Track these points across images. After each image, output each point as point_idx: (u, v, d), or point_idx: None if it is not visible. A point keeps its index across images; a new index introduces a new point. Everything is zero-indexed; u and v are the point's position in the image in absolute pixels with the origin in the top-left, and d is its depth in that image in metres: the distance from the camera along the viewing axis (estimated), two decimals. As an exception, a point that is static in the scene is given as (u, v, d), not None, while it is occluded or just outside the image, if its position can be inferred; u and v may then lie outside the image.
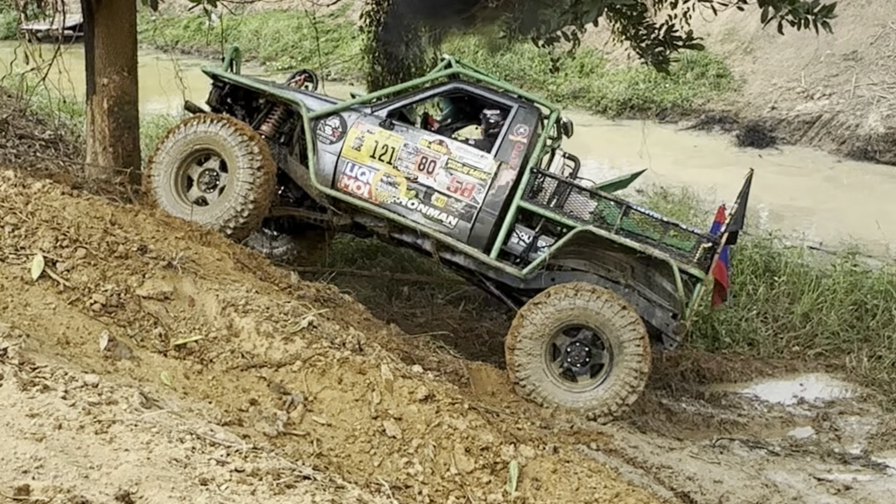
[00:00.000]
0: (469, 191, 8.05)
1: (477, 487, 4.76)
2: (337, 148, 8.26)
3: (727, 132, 23.31)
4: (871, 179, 19.50)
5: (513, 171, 8.03)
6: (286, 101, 8.56)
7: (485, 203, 8.02)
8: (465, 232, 8.06)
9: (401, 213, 8.16)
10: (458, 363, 7.37)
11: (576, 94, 27.14)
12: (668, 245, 7.99)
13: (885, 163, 20.72)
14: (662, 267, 7.80)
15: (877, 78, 22.63)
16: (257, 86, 8.76)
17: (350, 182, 8.23)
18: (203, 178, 8.17)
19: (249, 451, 3.68)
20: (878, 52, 23.30)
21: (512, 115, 8.22)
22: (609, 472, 5.48)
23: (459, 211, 8.06)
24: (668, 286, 7.93)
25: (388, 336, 7.10)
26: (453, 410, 5.09)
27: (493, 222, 8.03)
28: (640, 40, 9.99)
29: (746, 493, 6.59)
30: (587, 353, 7.63)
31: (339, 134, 8.27)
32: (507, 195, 8.00)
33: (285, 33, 34.36)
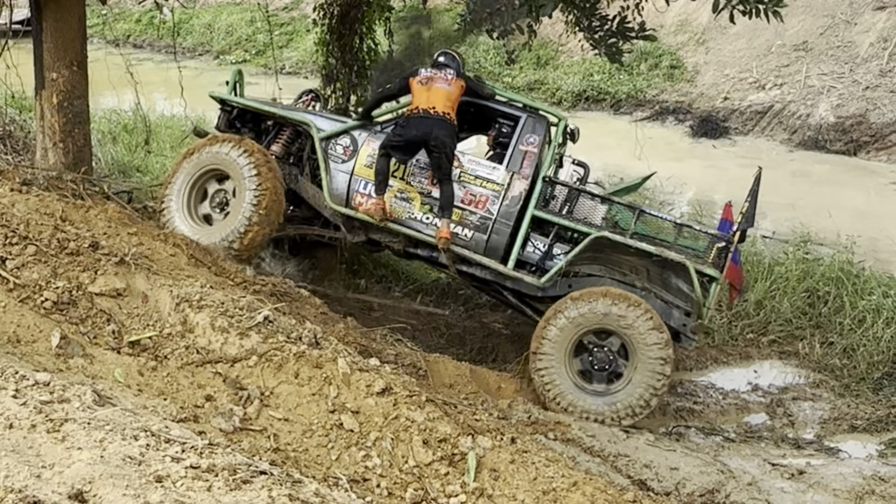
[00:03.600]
0: (483, 203, 8.11)
1: (435, 479, 4.76)
2: (349, 167, 8.30)
3: (681, 123, 23.51)
4: (821, 169, 19.75)
5: (525, 181, 8.09)
6: (296, 122, 8.59)
7: (499, 214, 8.08)
8: (481, 244, 8.13)
9: (416, 227, 8.22)
10: (415, 356, 7.37)
11: (531, 86, 27.20)
12: (681, 246, 8.12)
13: (836, 152, 21.02)
14: (678, 269, 7.87)
15: (827, 68, 22.92)
16: (266, 109, 8.79)
17: (364, 200, 8.25)
18: (215, 197, 8.25)
19: (205, 448, 3.66)
20: (827, 43, 23.59)
21: (521, 125, 8.27)
22: (567, 461, 5.51)
23: (475, 223, 8.11)
24: (683, 287, 8.02)
25: (345, 330, 7.07)
26: (411, 403, 5.08)
27: (508, 233, 8.10)
28: (593, 32, 10.00)
29: (702, 480, 6.66)
30: (610, 357, 7.71)
31: (351, 152, 8.32)
32: (520, 205, 8.06)
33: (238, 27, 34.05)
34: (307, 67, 27.50)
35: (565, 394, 7.57)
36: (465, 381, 7.55)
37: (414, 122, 7.96)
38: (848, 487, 6.98)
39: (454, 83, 8.16)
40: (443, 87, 8.10)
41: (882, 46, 22.59)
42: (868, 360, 9.50)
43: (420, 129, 7.93)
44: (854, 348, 9.70)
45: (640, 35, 9.93)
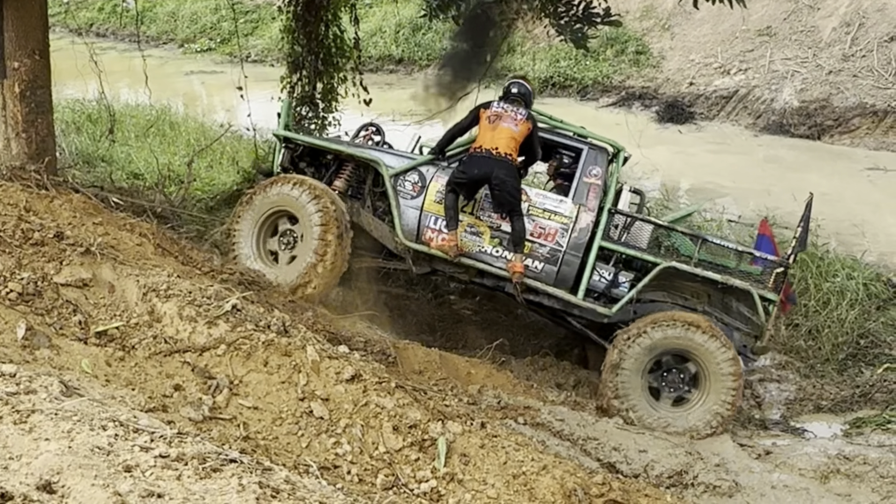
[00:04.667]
0: (552, 235, 8.21)
1: (406, 465, 4.78)
2: (418, 202, 8.34)
3: (647, 108, 23.60)
4: (786, 153, 19.90)
5: (591, 212, 8.19)
6: (365, 160, 8.55)
7: (569, 246, 8.19)
8: (551, 275, 8.23)
9: (486, 261, 8.29)
10: (384, 342, 7.37)
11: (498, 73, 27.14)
12: (742, 271, 8.34)
13: (800, 136, 21.18)
14: (740, 293, 8.09)
15: (790, 53, 23.10)
16: (334, 147, 8.73)
17: (434, 235, 8.30)
18: (285, 236, 8.29)
19: (174, 437, 3.64)
20: (791, 28, 23.77)
21: (584, 157, 8.34)
22: (536, 445, 5.54)
23: (545, 255, 8.21)
24: (743, 310, 8.22)
25: (314, 317, 7.07)
26: (380, 389, 5.09)
27: (577, 264, 8.19)
28: (558, 18, 10.02)
29: (670, 461, 6.73)
30: (681, 377, 7.93)
31: (420, 188, 8.35)
32: (589, 237, 8.15)
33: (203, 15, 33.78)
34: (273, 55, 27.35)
35: (638, 409, 7.72)
36: (435, 368, 7.57)
37: (476, 161, 8.05)
38: (813, 467, 7.08)
39: (522, 125, 8.19)
40: (509, 127, 8.14)
41: (845, 31, 22.79)
42: (833, 341, 9.63)
43: (481, 168, 8.01)
44: (819, 330, 9.82)
45: (605, 21, 9.96)
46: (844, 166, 19.03)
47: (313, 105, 11.98)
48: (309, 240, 7.98)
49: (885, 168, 18.49)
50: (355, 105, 11.80)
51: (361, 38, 12.97)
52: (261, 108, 13.69)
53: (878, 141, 20.52)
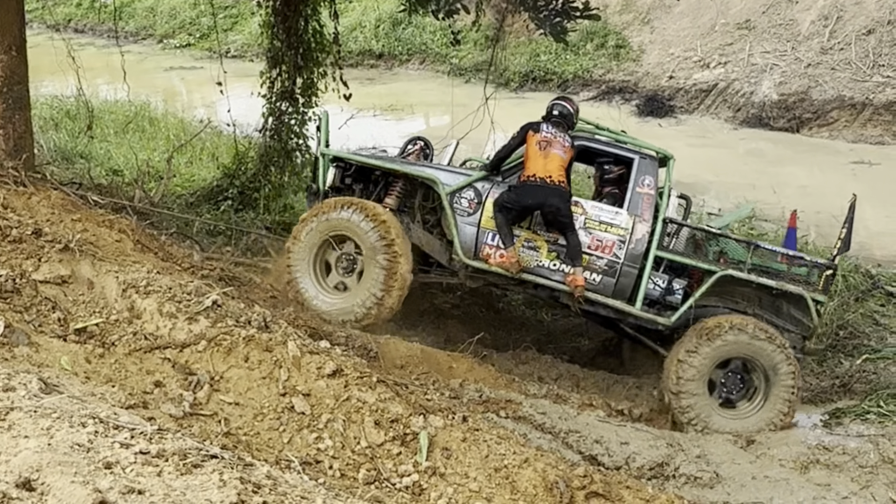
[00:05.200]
0: (609, 248, 8.21)
1: (388, 459, 4.77)
2: (475, 219, 8.28)
3: (627, 102, 23.67)
4: (766, 146, 19.99)
5: (647, 223, 8.22)
6: (422, 178, 8.44)
7: (626, 258, 8.21)
8: (610, 287, 8.24)
9: (544, 275, 8.27)
10: (365, 337, 7.37)
11: (478, 67, 27.19)
12: (794, 274, 8.47)
13: (779, 129, 21.30)
14: (792, 297, 8.23)
15: (769, 46, 23.19)
16: (388, 166, 8.55)
17: (492, 252, 8.27)
18: (340, 262, 8.16)
19: (154, 433, 3.63)
20: (770, 21, 23.87)
21: (635, 168, 8.34)
22: (518, 438, 5.54)
23: (602, 268, 8.21)
24: (793, 312, 8.36)
25: (295, 312, 7.05)
26: (362, 384, 5.09)
27: (635, 275, 8.21)
28: (538, 11, 10.04)
29: (652, 453, 6.76)
30: (741, 380, 8.08)
31: (476, 205, 8.28)
32: (645, 248, 8.18)
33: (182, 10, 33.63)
34: (253, 51, 27.28)
35: (702, 414, 7.88)
36: (417, 362, 7.57)
37: (530, 190, 8.06)
38: (794, 457, 7.12)
39: (568, 152, 8.26)
40: (559, 154, 8.17)
41: (823, 24, 22.90)
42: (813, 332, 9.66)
43: (536, 197, 8.05)
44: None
45: (585, 15, 9.99)
46: (829, 160, 19.15)
47: (293, 100, 11.94)
48: (373, 269, 7.87)
49: (871, 162, 18.62)
50: (335, 100, 11.77)
51: (341, 32, 12.94)
52: (241, 104, 13.65)
53: (856, 133, 20.66)
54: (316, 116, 11.94)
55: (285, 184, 12.00)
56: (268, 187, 11.80)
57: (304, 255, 8.05)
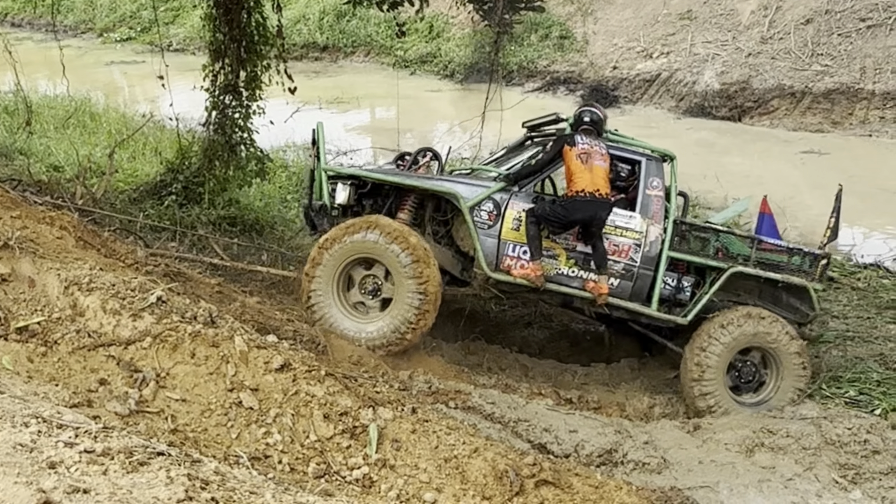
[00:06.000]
0: (626, 252, 8.25)
1: (337, 452, 4.77)
2: (495, 231, 8.16)
3: (572, 92, 23.80)
4: (709, 135, 20.22)
5: (659, 225, 8.28)
6: (442, 193, 8.23)
7: (641, 261, 8.26)
8: (626, 290, 8.28)
9: (564, 282, 8.24)
10: (314, 331, 7.34)
11: (424, 59, 27.22)
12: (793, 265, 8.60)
13: (721, 118, 21.58)
14: (792, 287, 8.52)
15: (711, 36, 23.48)
16: (407, 182, 8.24)
17: (513, 262, 8.17)
18: (365, 283, 7.92)
19: (100, 432, 3.59)
20: (710, 11, 24.16)
21: (643, 170, 8.38)
22: (467, 428, 5.56)
23: (619, 272, 8.24)
24: (792, 301, 8.61)
25: (242, 307, 7.00)
26: (310, 378, 5.07)
27: (651, 277, 8.27)
28: (482, 3, 10.07)
29: (600, 441, 6.81)
30: (755, 370, 8.33)
31: (495, 217, 8.15)
32: (659, 250, 8.25)
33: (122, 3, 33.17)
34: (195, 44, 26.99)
35: (722, 403, 8.09)
36: (367, 355, 7.56)
37: (580, 205, 7.97)
38: (739, 441, 7.22)
39: (607, 159, 8.21)
40: (602, 166, 8.11)
41: (763, 14, 23.24)
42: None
43: (586, 212, 7.98)
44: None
45: (528, 6, 10.06)
46: (777, 149, 19.40)
47: (237, 94, 11.82)
48: (405, 295, 7.67)
49: (820, 151, 18.91)
50: (280, 93, 11.68)
51: (285, 25, 12.83)
52: (184, 98, 13.51)
53: (796, 121, 21.00)
54: (260, 110, 11.85)
55: (230, 178, 11.87)
56: (212, 181, 11.67)
57: (327, 280, 7.77)
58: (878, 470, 6.94)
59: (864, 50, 21.38)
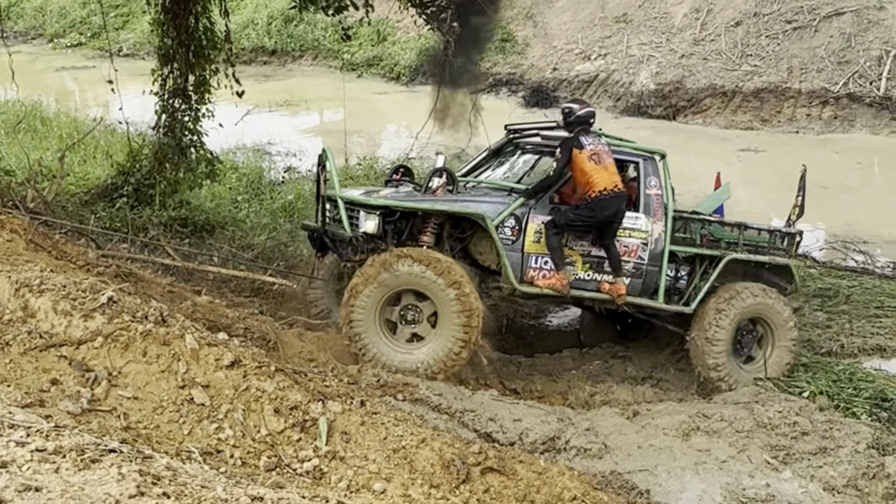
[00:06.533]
0: (634, 252, 8.46)
1: (288, 446, 4.74)
2: (518, 245, 8.15)
3: (514, 94, 23.91)
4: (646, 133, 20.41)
5: (660, 222, 8.47)
6: (468, 215, 8.12)
7: (649, 259, 8.46)
8: (637, 287, 8.52)
9: (581, 286, 8.33)
10: (265, 328, 7.29)
11: (370, 62, 27.16)
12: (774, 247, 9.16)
13: (657, 117, 21.85)
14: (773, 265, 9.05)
15: (645, 38, 23.73)
16: (437, 207, 8.08)
17: (535, 273, 8.19)
18: (406, 315, 7.82)
19: (51, 430, 3.54)
20: (645, 14, 24.42)
21: (641, 170, 8.50)
22: (415, 419, 5.57)
23: (630, 271, 8.43)
24: (773, 278, 9.09)
25: (194, 306, 6.93)
26: (260, 374, 5.03)
27: (657, 273, 8.48)
28: (425, 7, 10.05)
29: (544, 429, 6.85)
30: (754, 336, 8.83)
31: (518, 232, 8.13)
32: (663, 246, 8.46)
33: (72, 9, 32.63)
34: (145, 49, 26.66)
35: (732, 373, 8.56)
36: (316, 350, 7.53)
37: (607, 203, 8.05)
38: (676, 425, 7.32)
39: (611, 154, 8.28)
40: (611, 162, 8.20)
41: (695, 17, 23.55)
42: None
43: (612, 208, 8.08)
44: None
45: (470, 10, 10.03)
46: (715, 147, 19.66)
47: (186, 97, 11.70)
48: (450, 325, 7.61)
49: (756, 149, 19.20)
50: (230, 96, 11.57)
51: (234, 30, 12.75)
52: (135, 102, 13.35)
53: (727, 119, 21.34)
54: (209, 113, 11.74)
55: (180, 180, 11.76)
56: (163, 183, 11.55)
57: (370, 310, 7.62)
58: (807, 450, 7.09)
59: (790, 51, 21.77)
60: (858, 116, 20.46)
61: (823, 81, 20.98)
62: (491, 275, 8.40)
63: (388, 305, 7.73)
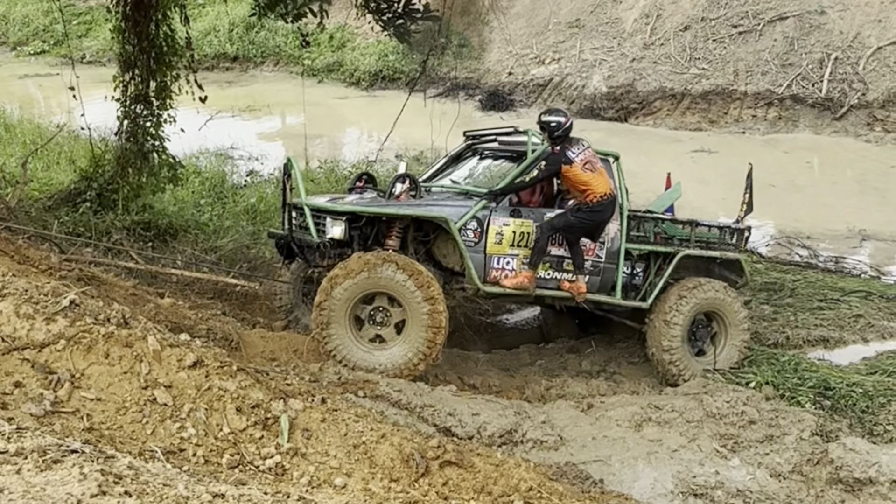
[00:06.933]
0: (593, 250, 8.52)
1: (250, 443, 4.72)
2: (481, 247, 8.12)
3: (471, 97, 23.95)
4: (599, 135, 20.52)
5: (616, 222, 8.51)
6: (432, 219, 8.09)
7: (606, 256, 8.54)
8: (595, 285, 8.57)
9: (542, 285, 8.34)
10: (227, 328, 7.25)
11: (330, 68, 27.09)
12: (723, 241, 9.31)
13: (609, 119, 22.02)
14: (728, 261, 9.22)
15: (598, 43, 23.89)
16: (401, 212, 8.04)
17: (498, 273, 8.18)
18: (375, 316, 7.76)
19: (13, 432, 3.50)
20: (597, 20, 24.58)
21: None
22: (375, 415, 5.58)
23: (589, 269, 8.49)
24: (724, 272, 9.27)
25: (156, 308, 6.87)
26: (223, 373, 5.01)
27: (614, 270, 8.56)
28: (381, 14, 10.05)
29: (501, 422, 6.87)
30: (708, 331, 8.96)
31: (479, 234, 8.10)
32: (620, 245, 8.53)
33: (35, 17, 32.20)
34: (108, 56, 26.37)
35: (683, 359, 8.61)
36: (280, 350, 7.51)
37: (607, 206, 8.21)
38: (628, 417, 7.37)
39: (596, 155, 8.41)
40: (601, 165, 8.36)
41: (644, 22, 23.74)
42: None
43: (610, 211, 8.25)
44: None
45: (425, 16, 10.05)
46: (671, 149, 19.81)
47: (148, 103, 11.59)
48: (418, 328, 7.60)
49: (710, 150, 19.39)
50: (193, 102, 11.48)
51: (196, 36, 12.68)
52: (98, 108, 13.20)
53: (676, 121, 21.55)
54: (171, 118, 11.64)
55: (143, 184, 11.65)
56: (126, 188, 11.44)
57: (343, 302, 7.55)
58: (755, 438, 7.18)
59: (736, 54, 22.03)
60: (801, 117, 20.76)
61: (768, 84, 21.26)
62: (454, 276, 8.40)
63: (360, 303, 7.70)
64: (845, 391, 8.13)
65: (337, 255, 7.87)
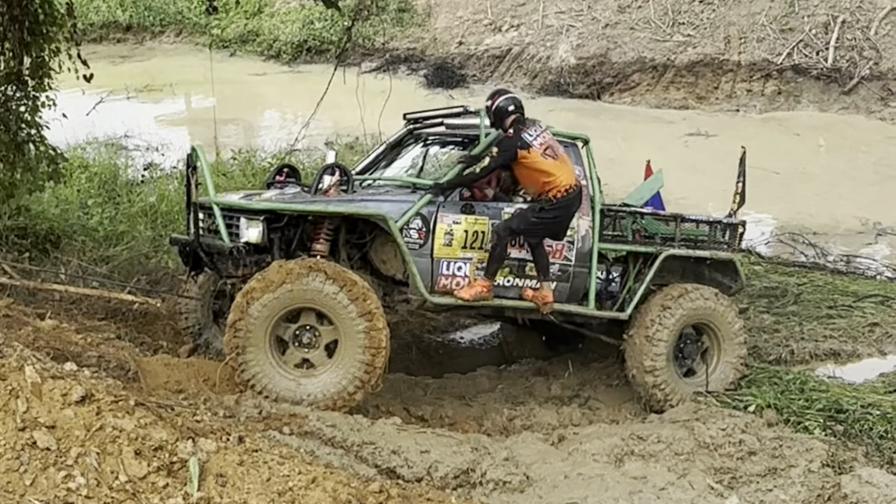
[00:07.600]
0: (560, 252, 8.50)
1: (153, 493, 4.69)
2: (427, 250, 8.04)
3: (414, 72, 23.97)
4: (568, 116, 20.63)
5: (587, 217, 8.53)
6: (368, 217, 7.97)
7: (576, 259, 8.50)
8: (564, 292, 8.55)
9: (500, 294, 8.29)
10: (123, 355, 7.19)
11: (244, 39, 26.98)
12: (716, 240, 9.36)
13: (579, 96, 22.11)
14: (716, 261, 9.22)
15: (564, 6, 23.98)
16: (328, 209, 7.91)
17: (448, 281, 8.14)
18: (301, 336, 7.62)
19: None
20: (563, -22, 24.68)
21: None
22: (304, 456, 5.56)
23: (556, 274, 8.41)
24: (716, 276, 9.32)
25: (35, 333, 6.80)
26: (117, 409, 4.97)
27: (586, 275, 8.55)
28: (305, -27, 10.06)
29: (456, 460, 6.87)
30: (698, 347, 9.02)
31: (425, 234, 8.02)
32: (591, 244, 8.52)
33: None
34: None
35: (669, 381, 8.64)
36: (186, 379, 7.46)
37: (575, 199, 8.18)
38: (607, 450, 7.41)
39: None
40: (563, 150, 8.32)
41: (619, -20, 23.89)
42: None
43: (575, 206, 8.24)
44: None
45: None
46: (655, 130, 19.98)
47: (21, 84, 11.43)
48: (353, 348, 7.51)
49: (707, 133, 19.57)
50: (77, 82, 11.35)
51: (80, 2, 12.50)
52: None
53: (659, 98, 21.71)
54: (50, 101, 11.50)
55: (17, 182, 11.48)
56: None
57: (262, 321, 7.41)
58: (755, 472, 7.26)
59: (727, 18, 22.28)
60: (804, 91, 21.05)
61: (765, 52, 21.54)
62: (396, 286, 8.34)
63: (283, 321, 7.60)
64: (860, 414, 8.24)
65: (254, 264, 7.77)
